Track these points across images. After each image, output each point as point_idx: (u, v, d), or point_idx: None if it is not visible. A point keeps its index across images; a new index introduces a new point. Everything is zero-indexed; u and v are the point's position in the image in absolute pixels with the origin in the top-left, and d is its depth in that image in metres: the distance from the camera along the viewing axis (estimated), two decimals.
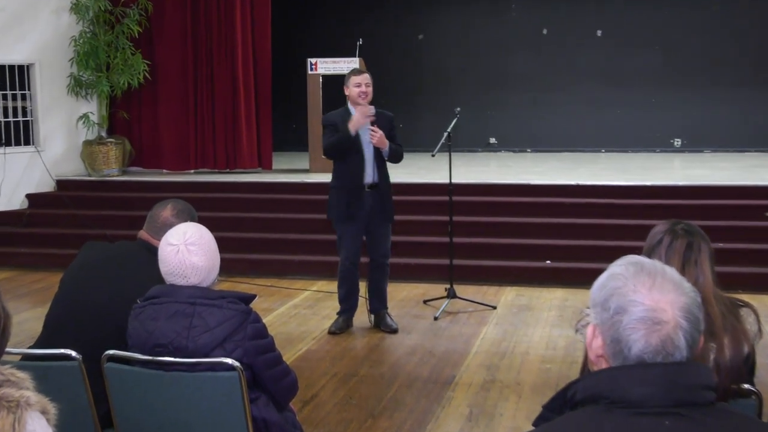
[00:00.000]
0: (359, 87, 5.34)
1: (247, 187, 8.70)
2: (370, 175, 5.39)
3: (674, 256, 2.26)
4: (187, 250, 2.44)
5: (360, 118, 5.27)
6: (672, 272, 1.46)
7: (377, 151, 5.39)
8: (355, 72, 5.43)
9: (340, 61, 9.18)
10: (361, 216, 5.40)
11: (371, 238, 5.52)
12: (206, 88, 9.64)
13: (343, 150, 5.33)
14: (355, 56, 9.11)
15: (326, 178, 8.41)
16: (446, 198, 6.34)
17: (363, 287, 5.75)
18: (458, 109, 6.35)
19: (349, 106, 5.43)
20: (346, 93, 5.43)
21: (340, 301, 5.70)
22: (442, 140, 5.95)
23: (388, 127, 5.45)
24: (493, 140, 12.14)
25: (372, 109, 5.33)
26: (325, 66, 9.22)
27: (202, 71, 9.64)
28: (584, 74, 11.91)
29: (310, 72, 9.24)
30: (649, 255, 2.24)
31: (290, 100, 11.51)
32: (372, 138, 5.29)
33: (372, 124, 5.33)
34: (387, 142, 5.35)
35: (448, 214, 6.26)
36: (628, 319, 1.41)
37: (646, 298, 1.41)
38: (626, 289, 1.43)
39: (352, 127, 5.27)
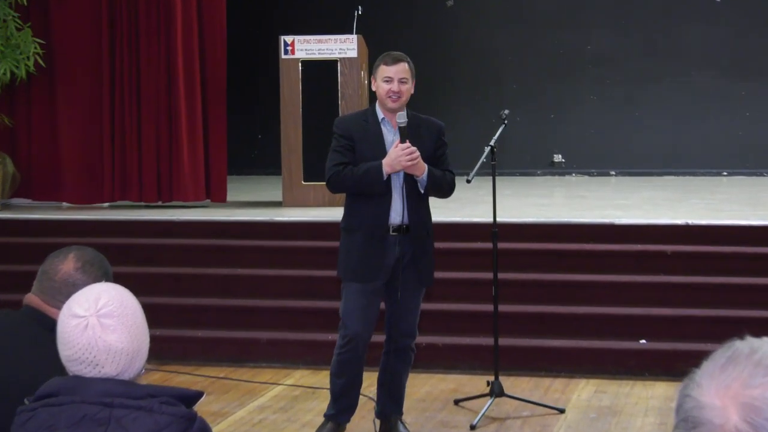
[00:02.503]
0: (389, 83, 5.36)
1: (189, 230, 8.73)
2: (398, 213, 5.42)
3: None
4: (99, 324, 2.43)
5: (401, 158, 5.28)
6: None
7: (410, 178, 5.42)
8: (386, 59, 5.44)
9: (328, 39, 9.26)
10: (382, 273, 5.45)
11: (394, 308, 5.56)
12: (129, 81, 9.66)
13: (364, 193, 5.44)
14: (351, 33, 9.17)
15: (307, 215, 8.63)
16: (488, 245, 6.33)
17: (365, 379, 5.71)
18: (506, 111, 6.40)
19: (377, 108, 5.50)
20: (374, 88, 5.51)
21: (335, 398, 5.65)
22: (483, 158, 6.00)
23: (432, 143, 5.49)
24: (558, 157, 12.17)
25: (402, 116, 5.36)
26: (306, 47, 9.27)
27: (123, 56, 9.65)
28: (695, 60, 11.96)
29: (284, 56, 9.29)
30: None
31: (255, 99, 11.63)
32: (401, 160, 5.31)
33: (403, 138, 5.34)
34: (424, 167, 5.36)
35: (492, 270, 6.25)
36: (677, 422, 1.43)
37: (702, 391, 1.42)
38: (693, 381, 1.44)
39: (388, 167, 5.32)
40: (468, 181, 5.84)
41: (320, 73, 9.27)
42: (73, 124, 9.76)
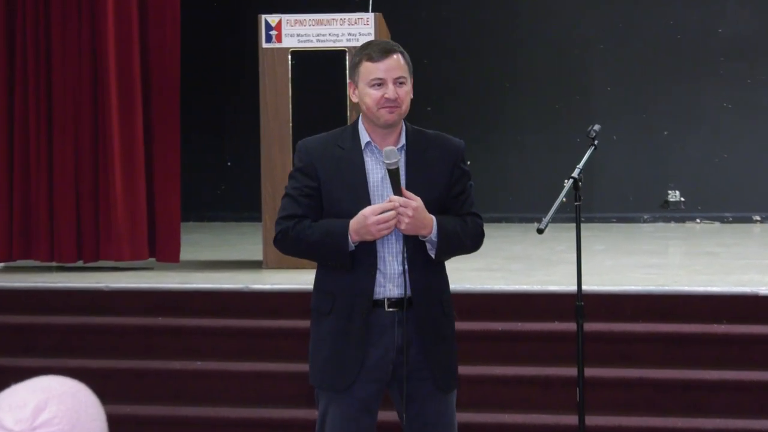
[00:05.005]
0: (381, 87, 5.02)
1: (124, 303, 8.66)
2: (395, 283, 5.11)
3: None
4: None
5: (371, 226, 4.97)
6: None
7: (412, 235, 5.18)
8: (370, 53, 5.11)
9: (332, 20, 9.30)
10: (369, 374, 5.12)
11: (410, 426, 5.26)
12: (36, 90, 9.68)
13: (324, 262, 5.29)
14: (367, 11, 9.24)
15: (297, 280, 8.37)
16: (570, 326, 6.33)
17: None
18: (596, 127, 6.31)
19: (360, 125, 5.22)
20: (353, 98, 5.24)
21: None
22: (561, 196, 5.98)
23: (446, 175, 5.20)
24: (675, 195, 12.09)
25: (392, 153, 4.96)
26: (299, 32, 9.34)
27: (28, 55, 9.65)
28: None
29: (265, 45, 9.37)
30: None
31: (222, 109, 11.75)
32: (398, 216, 4.94)
33: (395, 186, 4.95)
34: (432, 221, 4.96)
35: (576, 363, 6.10)
36: None
37: None
38: None
39: (354, 233, 5.02)
40: (540, 231, 5.73)
41: (319, 69, 9.29)
42: None
